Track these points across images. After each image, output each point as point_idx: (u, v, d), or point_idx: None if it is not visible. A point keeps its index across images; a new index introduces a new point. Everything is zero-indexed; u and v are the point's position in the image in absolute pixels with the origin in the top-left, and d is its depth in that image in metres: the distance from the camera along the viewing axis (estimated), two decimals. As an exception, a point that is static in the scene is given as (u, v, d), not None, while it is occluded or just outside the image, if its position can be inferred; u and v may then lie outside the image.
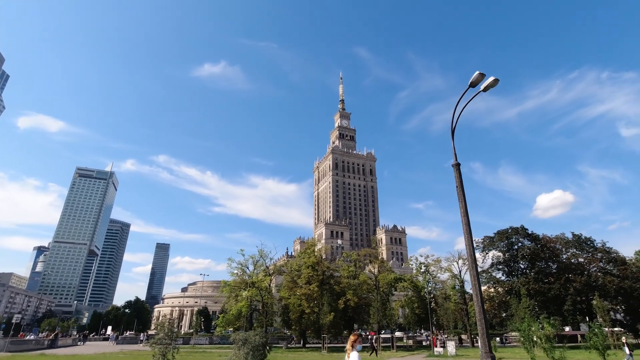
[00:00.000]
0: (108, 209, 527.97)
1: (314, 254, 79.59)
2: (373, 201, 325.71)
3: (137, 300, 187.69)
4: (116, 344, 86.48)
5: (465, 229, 16.41)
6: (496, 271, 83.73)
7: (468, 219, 16.65)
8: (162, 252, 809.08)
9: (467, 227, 16.45)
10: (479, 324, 14.73)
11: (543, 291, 71.83)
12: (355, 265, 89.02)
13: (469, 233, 16.33)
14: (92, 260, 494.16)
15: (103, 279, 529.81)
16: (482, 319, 14.82)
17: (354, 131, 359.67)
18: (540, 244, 79.61)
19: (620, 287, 74.87)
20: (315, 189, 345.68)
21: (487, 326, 15.05)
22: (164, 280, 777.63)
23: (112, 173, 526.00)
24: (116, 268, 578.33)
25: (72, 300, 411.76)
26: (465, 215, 16.66)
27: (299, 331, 77.87)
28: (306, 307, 68.39)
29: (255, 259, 78.99)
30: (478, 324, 14.87)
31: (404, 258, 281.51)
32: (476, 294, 15.26)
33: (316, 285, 70.98)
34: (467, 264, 14.19)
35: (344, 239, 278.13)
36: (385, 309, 77.31)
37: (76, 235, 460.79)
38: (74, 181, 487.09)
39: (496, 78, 17.24)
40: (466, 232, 16.36)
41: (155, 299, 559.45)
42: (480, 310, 14.93)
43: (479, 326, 14.81)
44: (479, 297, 15.14)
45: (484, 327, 14.66)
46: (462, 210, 16.90)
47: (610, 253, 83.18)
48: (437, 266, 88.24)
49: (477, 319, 14.94)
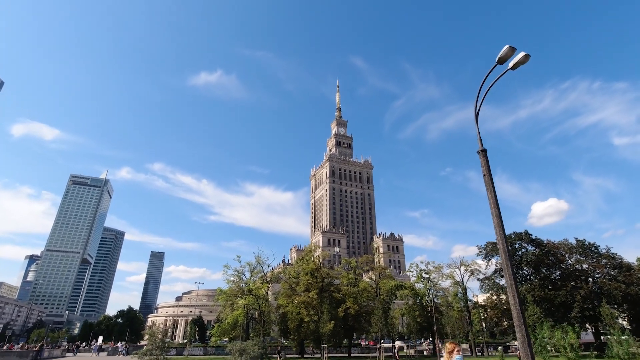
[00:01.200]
0: (102, 217, 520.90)
1: (313, 261, 77.12)
2: (370, 209, 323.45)
3: (130, 310, 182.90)
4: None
5: (497, 222, 14.43)
6: (499, 278, 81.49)
7: (499, 210, 14.69)
8: (156, 261, 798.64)
9: (499, 220, 14.47)
10: (519, 331, 12.64)
11: (549, 298, 69.70)
12: (355, 272, 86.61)
13: (500, 226, 14.35)
14: (85, 269, 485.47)
15: (96, 288, 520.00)
16: (522, 324, 12.74)
17: (351, 139, 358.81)
18: (545, 249, 77.70)
19: (627, 293, 73.12)
20: (312, 196, 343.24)
21: (529, 334, 12.97)
22: (158, 289, 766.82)
23: (106, 181, 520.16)
24: (109, 277, 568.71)
25: (64, 310, 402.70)
26: (496, 207, 14.72)
27: (297, 341, 74.93)
28: (305, 316, 65.69)
29: (252, 266, 76.26)
30: (518, 330, 12.77)
31: (401, 266, 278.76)
32: (513, 295, 13.22)
33: (315, 293, 68.39)
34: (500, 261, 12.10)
35: (341, 246, 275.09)
36: (387, 318, 74.68)
37: (69, 243, 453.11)
38: (67, 189, 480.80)
39: (527, 53, 15.41)
40: (497, 225, 14.37)
41: (149, 308, 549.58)
42: (520, 315, 12.87)
43: (518, 333, 12.71)
44: (516, 299, 13.10)
45: (526, 334, 12.58)
46: (491, 200, 14.95)
47: (615, 259, 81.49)
48: (439, 273, 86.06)
49: (516, 324, 12.86)
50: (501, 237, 14.15)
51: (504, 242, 14.08)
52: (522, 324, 12.73)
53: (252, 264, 76.00)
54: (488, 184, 15.38)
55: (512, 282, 13.42)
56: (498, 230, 14.36)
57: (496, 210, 14.64)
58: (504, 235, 14.20)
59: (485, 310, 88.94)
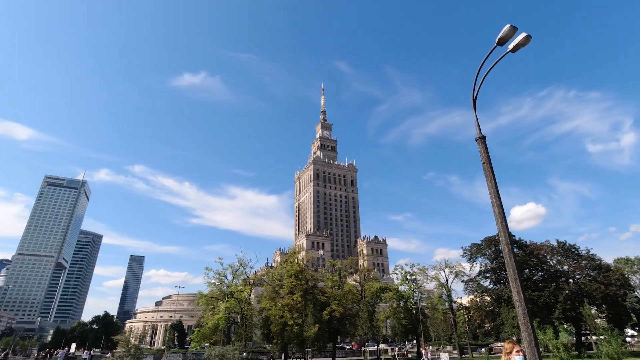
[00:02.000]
0: (79, 220, 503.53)
1: (297, 263, 75.43)
2: (354, 212, 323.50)
3: (106, 315, 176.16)
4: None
5: (498, 212, 13.41)
6: (484, 279, 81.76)
7: (500, 200, 13.69)
8: (136, 265, 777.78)
9: (500, 210, 13.47)
10: (525, 330, 11.58)
11: (533, 299, 70.10)
12: (339, 274, 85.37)
13: (502, 217, 13.34)
14: (60, 274, 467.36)
15: (71, 293, 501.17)
16: (528, 322, 11.70)
17: (336, 142, 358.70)
18: (528, 250, 78.38)
19: (607, 294, 74.44)
20: (296, 199, 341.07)
21: (535, 332, 11.92)
22: (137, 294, 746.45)
23: (84, 182, 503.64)
24: (86, 282, 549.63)
25: (36, 316, 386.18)
26: (497, 196, 13.72)
27: (280, 345, 72.93)
28: (289, 319, 63.88)
29: (234, 268, 74.09)
30: (523, 329, 11.72)
31: (385, 269, 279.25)
32: (517, 290, 12.18)
33: (300, 295, 66.69)
34: (503, 253, 10.96)
35: (325, 249, 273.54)
36: (372, 320, 73.61)
37: (42, 247, 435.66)
38: (42, 190, 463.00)
39: (528, 34, 14.56)
40: (499, 216, 13.35)
41: (127, 314, 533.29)
42: (525, 312, 11.84)
43: (524, 332, 11.65)
44: (521, 294, 12.06)
45: (532, 333, 11.52)
46: (491, 190, 13.95)
47: (594, 260, 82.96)
48: (424, 275, 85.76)
49: (521, 322, 11.81)
50: (503, 229, 13.15)
51: (507, 233, 13.09)
52: (527, 322, 11.70)
53: (234, 267, 73.92)
54: (488, 173, 14.39)
55: (515, 276, 12.43)
56: (500, 221, 13.35)
57: (497, 200, 13.65)
58: (506, 226, 13.21)
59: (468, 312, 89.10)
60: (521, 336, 11.97)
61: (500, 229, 13.27)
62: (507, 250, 12.84)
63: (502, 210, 13.55)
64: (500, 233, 13.29)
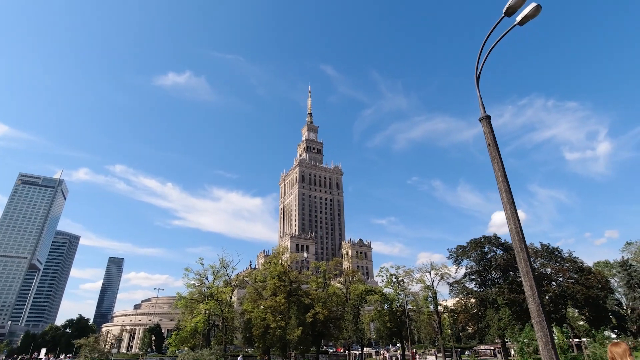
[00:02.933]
0: (54, 220, 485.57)
1: (281, 264, 73.29)
2: (339, 215, 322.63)
3: (80, 319, 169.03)
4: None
5: (506, 198, 11.92)
6: (469, 282, 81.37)
7: (508, 184, 12.22)
8: (114, 267, 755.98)
9: (509, 195, 12.01)
10: (540, 329, 10.07)
11: (518, 301, 69.89)
12: (324, 276, 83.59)
13: (511, 203, 11.85)
14: (33, 276, 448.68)
15: (45, 296, 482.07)
16: (544, 320, 10.22)
17: (322, 144, 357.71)
18: (513, 253, 78.38)
19: (589, 296, 75.11)
20: (281, 201, 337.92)
21: (552, 331, 10.45)
22: (115, 297, 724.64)
23: (61, 181, 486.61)
24: (61, 284, 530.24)
25: (6, 320, 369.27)
26: (504, 180, 12.25)
27: (262, 349, 70.46)
28: (271, 321, 61.66)
29: (215, 269, 71.30)
30: (537, 328, 10.20)
31: (369, 272, 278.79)
32: (530, 285, 10.66)
33: (283, 297, 64.60)
34: (513, 244, 9.32)
35: (309, 252, 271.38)
36: (357, 323, 72.04)
37: (14, 247, 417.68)
38: (15, 188, 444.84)
39: (538, 4, 13.26)
40: (507, 202, 11.84)
41: (105, 317, 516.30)
42: (540, 309, 10.36)
43: (539, 332, 10.13)
44: (534, 289, 10.56)
45: (548, 333, 10.04)
46: (498, 173, 12.50)
47: (576, 263, 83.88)
48: (409, 277, 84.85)
49: (535, 320, 10.30)
50: (513, 216, 11.67)
51: (517, 221, 11.60)
52: (543, 320, 10.23)
53: (215, 267, 71.11)
54: (494, 155, 12.97)
55: (528, 268, 10.98)
56: (508, 207, 11.87)
57: (505, 184, 12.20)
58: (515, 213, 11.74)
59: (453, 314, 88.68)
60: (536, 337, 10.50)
61: (509, 217, 11.77)
62: (517, 240, 11.39)
63: (510, 195, 12.11)
64: (509, 221, 11.80)
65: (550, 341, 9.94)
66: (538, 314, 10.35)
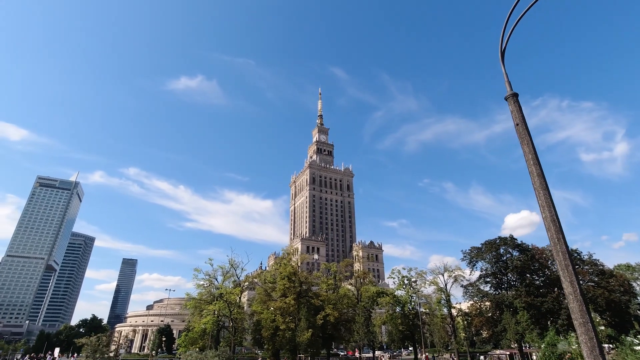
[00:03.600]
0: (70, 222, 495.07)
1: (291, 265, 72.13)
2: (350, 217, 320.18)
3: (94, 319, 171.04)
4: None
5: (539, 183, 10.46)
6: (484, 284, 78.83)
7: (541, 168, 10.73)
8: (128, 269, 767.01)
9: (542, 180, 10.56)
10: (584, 332, 8.62)
11: (536, 305, 67.24)
12: (335, 277, 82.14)
13: (544, 188, 10.38)
14: (50, 277, 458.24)
15: (61, 296, 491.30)
16: (589, 322, 8.77)
17: (332, 146, 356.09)
18: (530, 254, 75.63)
19: (611, 300, 72.03)
20: (291, 203, 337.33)
21: (598, 334, 9.00)
22: (129, 298, 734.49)
23: (76, 183, 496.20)
24: (76, 285, 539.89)
25: (24, 320, 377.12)
26: (536, 164, 10.78)
27: (272, 351, 69.30)
28: (281, 323, 60.52)
29: (225, 270, 70.62)
30: (581, 331, 8.77)
31: (380, 275, 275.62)
32: (571, 280, 9.27)
33: (293, 298, 63.40)
34: (549, 234, 7.76)
35: (320, 254, 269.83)
36: (368, 325, 70.28)
37: (32, 249, 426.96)
38: (33, 191, 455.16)
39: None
40: (540, 187, 10.36)
41: (119, 318, 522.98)
42: (583, 309, 8.94)
43: (582, 335, 8.71)
44: (575, 286, 9.16)
45: (594, 337, 8.58)
46: (529, 155, 11.06)
47: (597, 265, 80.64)
48: (422, 279, 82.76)
49: (579, 322, 8.86)
50: (547, 203, 10.26)
51: (552, 208, 10.19)
52: (587, 321, 8.83)
53: (224, 268, 70.40)
54: (523, 135, 11.59)
55: (567, 262, 9.57)
56: (542, 193, 10.45)
57: (537, 167, 10.79)
58: (550, 199, 10.33)
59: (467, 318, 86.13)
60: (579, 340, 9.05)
61: (543, 204, 10.35)
62: (554, 230, 9.99)
63: (543, 180, 10.70)
64: (542, 209, 10.38)
65: (597, 346, 8.53)
66: (581, 315, 8.95)
